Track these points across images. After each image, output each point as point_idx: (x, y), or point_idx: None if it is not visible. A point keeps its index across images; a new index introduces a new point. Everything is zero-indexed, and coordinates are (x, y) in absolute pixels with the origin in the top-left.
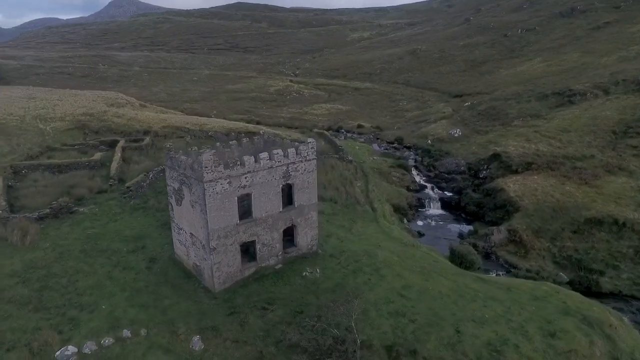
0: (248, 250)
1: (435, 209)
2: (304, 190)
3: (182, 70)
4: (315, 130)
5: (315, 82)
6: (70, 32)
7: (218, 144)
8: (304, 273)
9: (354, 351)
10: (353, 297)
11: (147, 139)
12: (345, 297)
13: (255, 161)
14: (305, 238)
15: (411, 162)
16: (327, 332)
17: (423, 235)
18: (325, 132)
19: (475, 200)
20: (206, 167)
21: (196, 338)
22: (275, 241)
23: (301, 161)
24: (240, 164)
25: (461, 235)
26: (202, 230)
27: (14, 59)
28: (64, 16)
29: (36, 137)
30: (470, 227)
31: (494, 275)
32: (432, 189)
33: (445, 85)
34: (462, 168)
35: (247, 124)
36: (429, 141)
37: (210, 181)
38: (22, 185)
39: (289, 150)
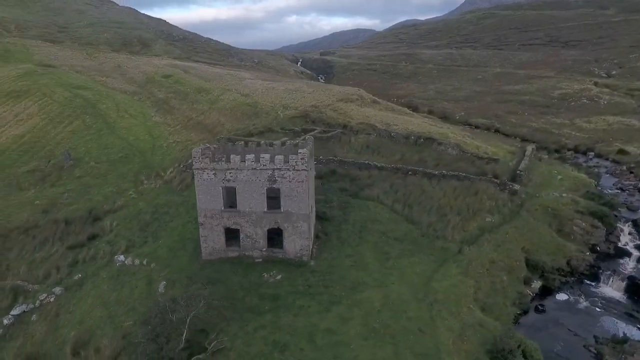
0: (238, 237)
1: (610, 288)
2: (291, 197)
3: (473, 68)
4: (529, 147)
5: (630, 87)
6: (403, 33)
7: (288, 140)
8: (265, 274)
9: (167, 342)
10: (206, 300)
11: (336, 132)
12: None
13: (241, 160)
14: (294, 245)
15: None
16: (158, 317)
17: (541, 312)
18: (529, 150)
19: None
20: (194, 157)
21: (163, 284)
22: (259, 237)
23: (288, 169)
24: (225, 160)
25: (599, 339)
26: None
27: (346, 58)
28: (423, 17)
29: (270, 120)
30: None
31: None
32: (638, 260)
33: None
34: None
35: (430, 129)
36: None
37: (198, 169)
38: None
39: (276, 156)
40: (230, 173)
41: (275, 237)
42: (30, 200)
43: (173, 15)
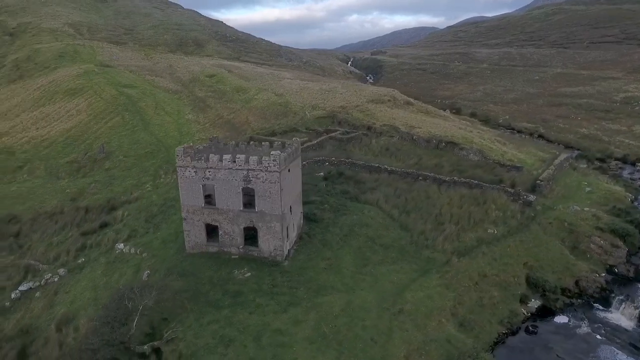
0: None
1: (619, 315)
2: (265, 198)
3: (531, 68)
4: (562, 155)
5: None
6: (462, 31)
7: (278, 142)
8: (236, 271)
9: (121, 326)
10: (158, 290)
11: (357, 134)
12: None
13: (219, 160)
14: (267, 244)
15: None
16: (115, 303)
17: (532, 333)
18: (560, 159)
19: None
20: (177, 156)
21: (147, 272)
22: (236, 234)
23: (262, 170)
24: (204, 159)
25: None
26: None
27: (396, 57)
28: (491, 14)
29: (296, 119)
30: None
31: None
32: None
33: None
34: None
35: (456, 133)
36: None
37: (180, 167)
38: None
39: (250, 157)
40: (209, 172)
41: (255, 235)
42: (63, 188)
43: (238, 16)
